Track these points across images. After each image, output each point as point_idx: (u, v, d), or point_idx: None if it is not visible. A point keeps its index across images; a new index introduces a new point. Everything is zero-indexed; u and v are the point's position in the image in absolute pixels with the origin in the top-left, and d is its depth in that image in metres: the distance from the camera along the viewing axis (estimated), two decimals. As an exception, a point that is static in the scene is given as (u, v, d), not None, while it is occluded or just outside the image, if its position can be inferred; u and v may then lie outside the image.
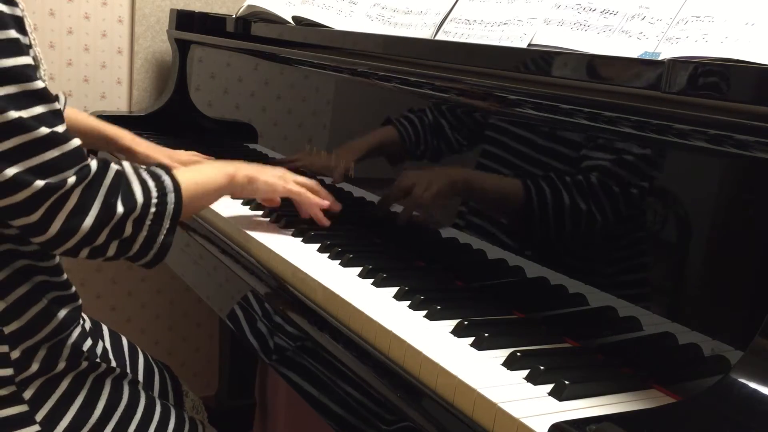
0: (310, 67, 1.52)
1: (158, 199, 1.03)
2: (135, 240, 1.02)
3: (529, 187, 1.06)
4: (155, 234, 1.03)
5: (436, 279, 1.14)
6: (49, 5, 2.00)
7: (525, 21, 1.14)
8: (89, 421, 1.07)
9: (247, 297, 1.20)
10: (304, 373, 1.04)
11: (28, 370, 1.02)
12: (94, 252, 1.00)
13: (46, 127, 0.93)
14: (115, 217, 0.98)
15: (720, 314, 0.84)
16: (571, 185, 1.00)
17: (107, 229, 0.98)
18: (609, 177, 0.95)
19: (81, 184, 0.96)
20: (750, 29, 0.86)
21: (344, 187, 1.41)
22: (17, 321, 1.01)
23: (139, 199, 1.01)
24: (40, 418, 1.03)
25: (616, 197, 0.95)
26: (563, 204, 1.01)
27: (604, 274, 0.97)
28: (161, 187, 1.05)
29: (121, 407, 1.11)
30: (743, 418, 0.72)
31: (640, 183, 0.92)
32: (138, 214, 1.01)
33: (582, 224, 0.99)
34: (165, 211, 1.04)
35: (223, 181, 1.19)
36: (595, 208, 0.97)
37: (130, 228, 1.00)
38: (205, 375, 2.40)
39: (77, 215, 0.96)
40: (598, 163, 0.97)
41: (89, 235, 0.97)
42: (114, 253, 1.02)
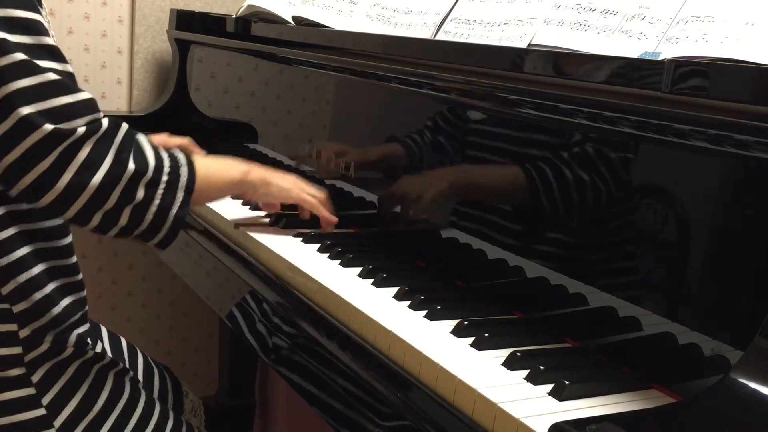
0: (310, 67, 1.52)
1: (171, 168, 1.02)
2: (148, 209, 1.00)
3: (529, 187, 1.06)
4: (168, 205, 1.02)
5: (436, 279, 1.14)
6: (49, 5, 2.00)
7: (525, 21, 1.14)
8: (92, 409, 1.07)
9: (247, 297, 1.20)
10: (304, 372, 1.04)
11: (38, 350, 1.02)
12: (106, 217, 0.98)
13: (55, 74, 0.93)
14: (125, 173, 0.97)
15: (720, 314, 0.84)
16: (570, 185, 1.00)
17: (119, 187, 0.97)
18: (609, 177, 0.95)
19: (92, 137, 0.94)
20: (750, 29, 0.86)
21: (344, 187, 1.41)
22: (25, 302, 1.01)
23: (151, 162, 1.00)
24: (46, 402, 1.03)
25: (616, 197, 0.95)
26: (563, 204, 1.01)
27: (604, 274, 0.97)
28: (174, 158, 1.04)
29: (122, 401, 1.12)
30: (743, 418, 0.72)
31: (640, 183, 0.92)
32: (150, 178, 0.99)
33: (582, 224, 0.99)
34: (178, 181, 1.03)
35: (236, 175, 1.18)
36: (595, 209, 0.97)
37: (142, 192, 0.99)
38: (205, 375, 2.40)
39: (87, 168, 0.94)
40: (598, 163, 0.97)
41: (100, 192, 0.95)
42: (127, 221, 0.99)
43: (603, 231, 0.97)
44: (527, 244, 1.06)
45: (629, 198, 0.93)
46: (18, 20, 0.91)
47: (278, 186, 1.24)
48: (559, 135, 1.02)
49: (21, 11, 0.92)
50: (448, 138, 1.20)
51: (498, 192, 1.13)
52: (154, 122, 2.07)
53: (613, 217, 0.95)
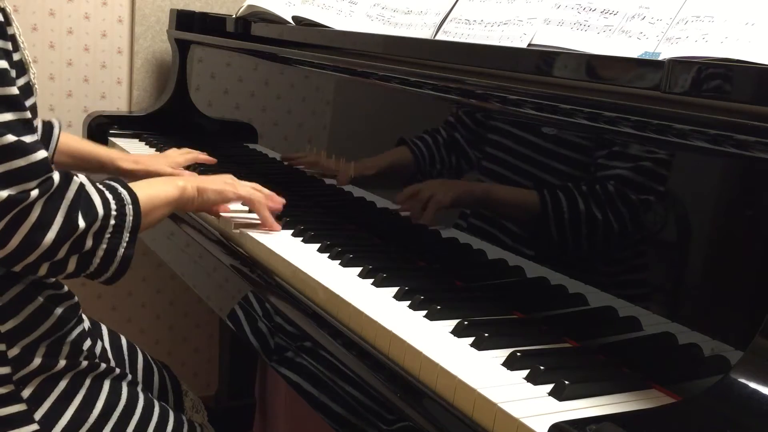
0: (310, 67, 1.52)
1: (117, 211, 1.02)
2: (95, 254, 1.00)
3: (529, 188, 1.06)
4: (115, 247, 1.02)
5: (436, 279, 1.14)
6: (49, 5, 2.00)
7: (525, 21, 1.14)
8: (88, 420, 1.07)
9: (247, 297, 1.20)
10: (304, 372, 1.04)
11: (27, 368, 1.02)
12: (54, 267, 0.99)
13: (12, 135, 0.92)
14: (77, 230, 0.97)
15: (720, 314, 0.84)
16: (570, 185, 1.00)
17: (68, 243, 0.97)
18: (609, 177, 0.95)
19: (43, 197, 0.94)
20: (750, 29, 0.86)
21: (344, 187, 1.41)
22: (14, 319, 1.01)
23: (100, 212, 1.00)
24: (38, 417, 1.02)
25: (616, 197, 0.95)
26: (563, 204, 1.01)
27: (604, 274, 0.97)
28: (119, 198, 1.04)
29: (119, 408, 1.11)
30: (743, 418, 0.72)
31: (640, 183, 0.92)
32: (98, 227, 1.00)
33: (582, 224, 0.99)
34: (125, 222, 1.03)
35: (174, 193, 1.17)
36: (594, 208, 0.97)
37: (90, 241, 0.99)
38: (205, 375, 2.40)
39: (39, 229, 0.95)
40: (597, 163, 0.97)
41: (50, 249, 0.96)
42: (74, 268, 1.00)
43: (603, 231, 0.97)
44: (527, 244, 1.06)
45: (629, 198, 0.93)
46: None
47: (213, 191, 1.24)
48: (559, 135, 1.02)
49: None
50: (447, 138, 1.20)
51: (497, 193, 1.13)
52: (154, 122, 2.07)
53: (613, 217, 0.95)
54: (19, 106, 0.94)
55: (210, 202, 1.25)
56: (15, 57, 0.99)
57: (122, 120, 2.06)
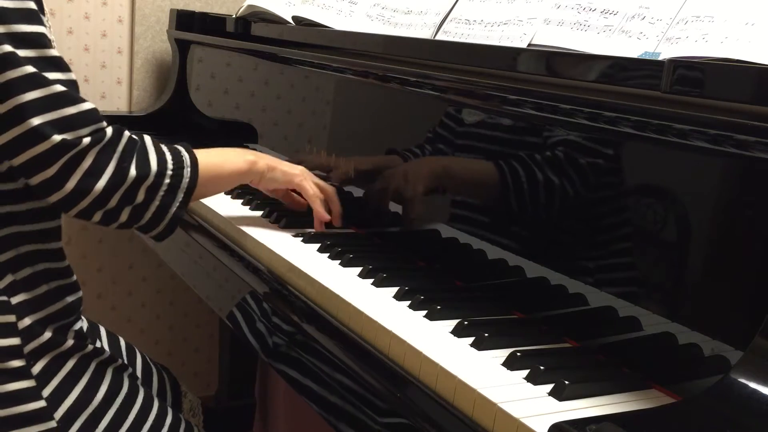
0: (310, 67, 1.52)
1: (173, 171, 1.07)
2: (147, 208, 1.06)
3: (529, 188, 1.06)
4: (168, 205, 1.07)
5: (436, 279, 1.14)
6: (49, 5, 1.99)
7: (525, 21, 1.14)
8: (92, 403, 1.08)
9: (247, 297, 1.20)
10: (304, 372, 1.04)
11: (37, 340, 1.03)
12: (107, 216, 1.04)
13: (61, 85, 0.98)
14: (127, 180, 1.02)
15: (720, 314, 0.84)
16: (570, 185, 1.00)
17: (119, 192, 1.02)
18: (609, 177, 0.95)
19: (96, 146, 0.99)
20: (750, 29, 0.86)
21: (344, 187, 1.41)
22: (25, 293, 1.03)
23: (154, 167, 1.05)
24: (46, 395, 1.03)
25: (616, 197, 0.95)
26: (563, 204, 1.01)
27: (604, 274, 0.97)
28: (178, 159, 1.09)
29: (121, 395, 1.12)
30: (743, 418, 0.72)
31: (640, 183, 0.92)
32: (151, 182, 1.05)
33: (582, 224, 0.99)
34: (180, 183, 1.08)
35: (243, 166, 1.22)
36: (595, 208, 0.97)
37: (142, 195, 1.04)
38: (205, 375, 2.40)
39: (91, 176, 1.00)
40: (598, 163, 0.97)
41: (102, 197, 1.01)
42: (126, 218, 1.05)
43: (603, 231, 0.97)
44: (527, 244, 1.06)
45: (629, 198, 0.93)
46: (24, 35, 0.96)
47: (283, 171, 1.27)
48: (560, 135, 1.02)
49: (27, 26, 0.96)
50: (447, 138, 1.20)
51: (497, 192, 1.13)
52: (154, 122, 2.07)
53: (614, 217, 0.95)
54: (65, 66, 1.00)
55: (275, 182, 1.28)
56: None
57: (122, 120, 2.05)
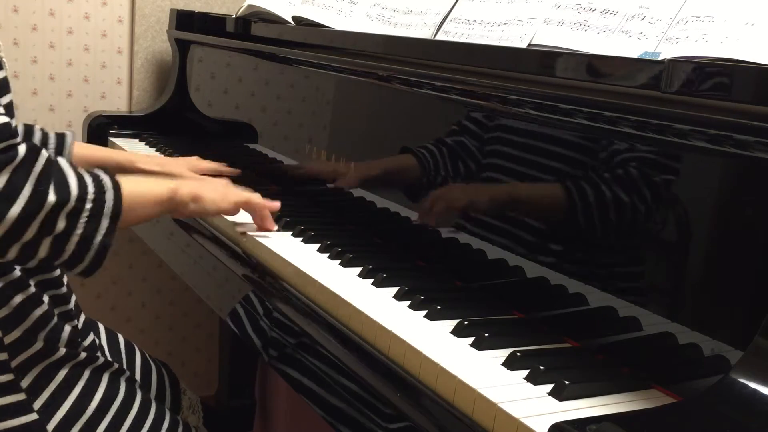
0: (310, 67, 1.52)
1: (95, 195, 0.95)
2: (69, 239, 0.93)
3: (529, 188, 1.06)
4: (92, 234, 0.94)
5: (436, 279, 1.14)
6: (49, 5, 2.00)
7: (525, 21, 1.14)
8: (86, 412, 1.07)
9: (247, 297, 1.20)
10: (304, 372, 1.04)
11: (26, 353, 1.02)
12: (24, 250, 0.91)
13: None
14: (45, 206, 0.89)
15: (720, 314, 0.84)
16: (570, 185, 1.00)
17: (37, 220, 0.89)
18: (608, 177, 0.95)
19: (7, 167, 0.87)
20: (750, 29, 0.86)
21: (344, 187, 1.41)
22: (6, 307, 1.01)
23: (74, 191, 0.92)
24: (37, 407, 1.03)
25: (616, 197, 0.95)
26: (562, 204, 1.01)
27: (604, 274, 0.97)
28: (98, 183, 0.97)
29: (117, 402, 1.11)
30: (743, 418, 0.72)
31: (639, 183, 0.92)
32: (72, 207, 0.92)
33: (582, 224, 0.99)
34: (102, 208, 0.95)
35: (165, 193, 1.10)
36: (594, 208, 0.97)
37: (63, 223, 0.92)
38: (205, 375, 2.40)
39: (3, 202, 0.87)
40: (597, 163, 0.97)
41: (17, 225, 0.88)
42: (46, 253, 0.93)
43: (603, 231, 0.97)
44: (527, 244, 1.06)
45: (629, 198, 0.93)
46: None
47: (210, 200, 1.18)
48: (560, 135, 1.02)
49: None
50: (448, 138, 1.20)
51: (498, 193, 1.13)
52: (154, 122, 2.07)
53: (613, 216, 0.95)
54: None
55: (204, 212, 1.21)
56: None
57: (122, 120, 2.06)
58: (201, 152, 1.64)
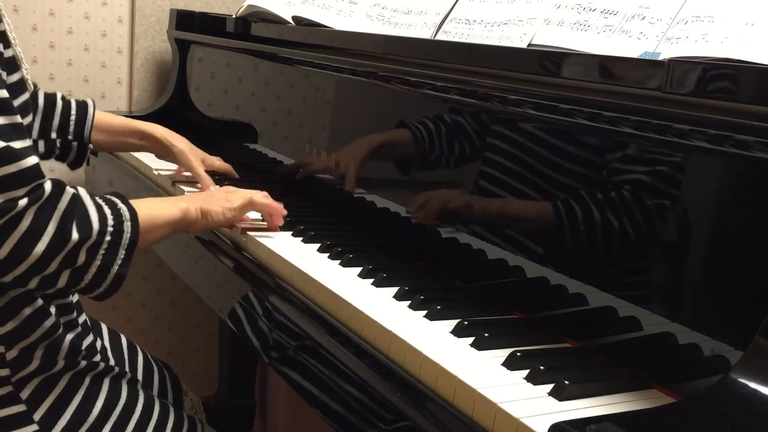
0: (310, 67, 1.52)
1: (114, 227, 0.99)
2: (88, 270, 0.97)
3: (528, 189, 1.06)
4: (109, 264, 0.98)
5: (436, 279, 1.14)
6: (49, 5, 2.00)
7: (525, 21, 1.14)
8: (87, 420, 1.07)
9: (247, 297, 1.20)
10: (304, 373, 1.04)
11: (26, 369, 1.02)
12: (44, 281, 0.95)
13: (1, 140, 0.89)
14: (69, 243, 0.93)
15: (720, 314, 0.84)
16: (570, 185, 1.00)
17: (60, 256, 0.93)
18: (608, 177, 0.95)
19: (33, 205, 0.91)
20: (750, 29, 0.86)
21: (344, 187, 1.41)
22: (12, 321, 1.01)
23: (95, 226, 0.96)
24: (38, 418, 1.02)
25: (616, 197, 0.95)
26: (562, 204, 1.01)
27: (604, 274, 0.97)
28: (118, 214, 1.00)
29: (119, 406, 1.11)
30: (743, 418, 0.72)
31: (639, 183, 0.92)
32: (93, 242, 0.96)
33: (582, 224, 0.99)
34: (120, 240, 0.99)
35: (176, 214, 1.13)
36: (594, 208, 0.97)
37: (83, 256, 0.95)
38: (205, 375, 2.40)
39: (29, 239, 0.91)
40: (597, 163, 0.97)
41: (40, 262, 0.92)
42: (65, 283, 0.96)
43: (603, 231, 0.97)
44: (527, 244, 1.06)
45: (629, 198, 0.93)
46: None
47: (217, 212, 1.20)
48: (559, 135, 1.02)
49: None
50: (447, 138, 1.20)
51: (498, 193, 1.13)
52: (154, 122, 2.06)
53: (613, 217, 0.95)
54: (9, 109, 0.91)
55: (215, 224, 1.23)
56: (7, 54, 0.97)
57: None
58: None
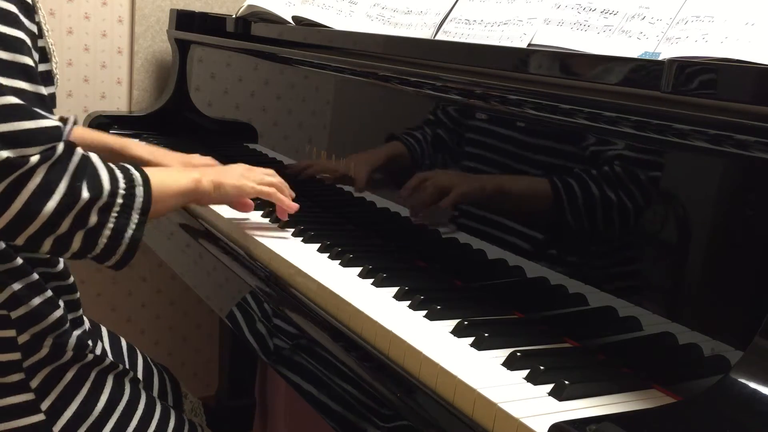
0: (310, 67, 1.52)
1: (126, 190, 0.98)
2: (101, 232, 0.96)
3: (529, 188, 1.06)
4: (123, 227, 0.98)
5: (436, 279, 1.14)
6: (49, 5, 2.00)
7: (525, 21, 1.14)
8: (92, 413, 1.07)
9: (247, 297, 1.20)
10: (304, 373, 1.04)
11: (36, 356, 1.02)
12: (57, 243, 0.94)
13: (17, 98, 0.89)
14: (79, 201, 0.93)
15: (720, 314, 0.84)
16: (570, 185, 1.00)
17: (71, 215, 0.93)
18: (608, 177, 0.95)
19: (45, 163, 0.90)
20: (750, 29, 0.86)
21: (344, 187, 1.41)
22: (24, 306, 1.01)
23: (106, 186, 0.96)
24: (45, 408, 1.03)
25: (616, 197, 0.95)
26: (563, 204, 1.01)
27: (604, 274, 0.97)
28: (129, 178, 1.00)
29: (122, 403, 1.12)
30: (743, 418, 0.72)
31: (639, 183, 0.92)
32: (104, 202, 0.96)
33: (582, 224, 0.99)
34: (133, 203, 0.99)
35: (189, 184, 1.14)
36: (594, 208, 0.97)
37: (95, 217, 0.95)
38: (205, 375, 2.40)
39: (40, 196, 0.90)
40: (597, 163, 0.97)
41: (52, 219, 0.92)
42: (79, 246, 0.96)
43: (603, 231, 0.97)
44: (527, 244, 1.06)
45: (629, 198, 0.93)
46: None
47: (231, 185, 1.21)
48: (559, 135, 1.02)
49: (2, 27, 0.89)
50: (447, 138, 1.20)
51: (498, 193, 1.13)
52: (154, 122, 2.07)
53: (614, 217, 0.95)
54: (34, 78, 0.92)
55: (228, 197, 1.23)
56: (39, 43, 0.99)
57: (122, 120, 2.07)
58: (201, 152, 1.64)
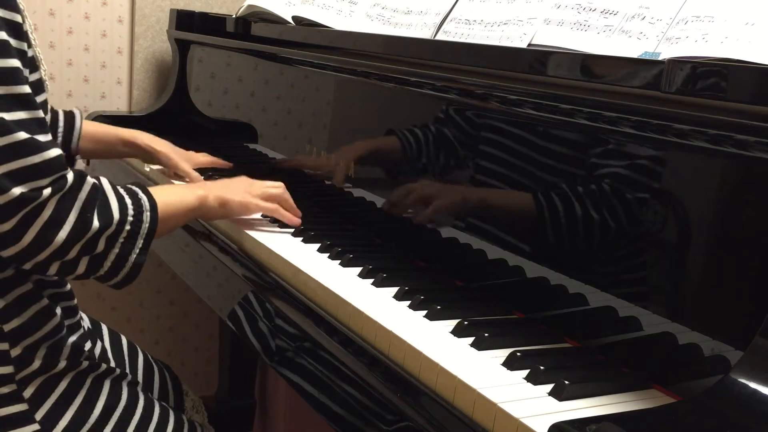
0: (310, 67, 1.52)
1: (134, 217, 1.02)
2: (106, 257, 1.00)
3: (529, 188, 1.06)
4: (128, 252, 1.02)
5: (436, 279, 1.14)
6: (49, 5, 2.00)
7: (525, 21, 1.14)
8: (88, 420, 1.07)
9: (247, 297, 1.20)
10: (304, 373, 1.04)
11: (29, 368, 1.02)
12: (64, 267, 0.99)
13: (25, 132, 0.92)
14: (90, 231, 0.97)
15: (720, 314, 0.84)
16: (570, 186, 1.00)
17: (80, 243, 0.97)
18: (609, 177, 0.95)
19: (56, 195, 0.94)
20: (750, 29, 0.86)
21: (344, 187, 1.41)
22: (17, 318, 1.01)
23: (116, 216, 1.00)
24: (39, 417, 1.02)
25: (616, 197, 0.95)
26: (563, 204, 1.01)
27: (604, 274, 0.97)
28: (138, 204, 1.04)
29: (119, 408, 1.11)
30: (743, 418, 0.72)
31: (639, 183, 0.92)
32: (113, 231, 1.00)
33: (582, 224, 0.99)
34: (140, 229, 1.03)
35: (194, 202, 1.18)
36: (595, 208, 0.97)
37: (102, 244, 0.99)
38: (205, 375, 2.40)
39: (52, 227, 0.94)
40: (597, 163, 0.97)
41: (62, 248, 0.96)
42: (84, 269, 1.00)
43: (603, 231, 0.97)
44: (527, 244, 1.06)
45: (629, 198, 0.93)
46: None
47: (237, 202, 1.24)
48: (559, 135, 1.02)
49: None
50: (447, 138, 1.20)
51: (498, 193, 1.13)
52: (154, 122, 2.07)
53: (614, 217, 0.95)
54: (32, 104, 0.94)
55: (233, 213, 1.26)
56: (28, 53, 0.99)
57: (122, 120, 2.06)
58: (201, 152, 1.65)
